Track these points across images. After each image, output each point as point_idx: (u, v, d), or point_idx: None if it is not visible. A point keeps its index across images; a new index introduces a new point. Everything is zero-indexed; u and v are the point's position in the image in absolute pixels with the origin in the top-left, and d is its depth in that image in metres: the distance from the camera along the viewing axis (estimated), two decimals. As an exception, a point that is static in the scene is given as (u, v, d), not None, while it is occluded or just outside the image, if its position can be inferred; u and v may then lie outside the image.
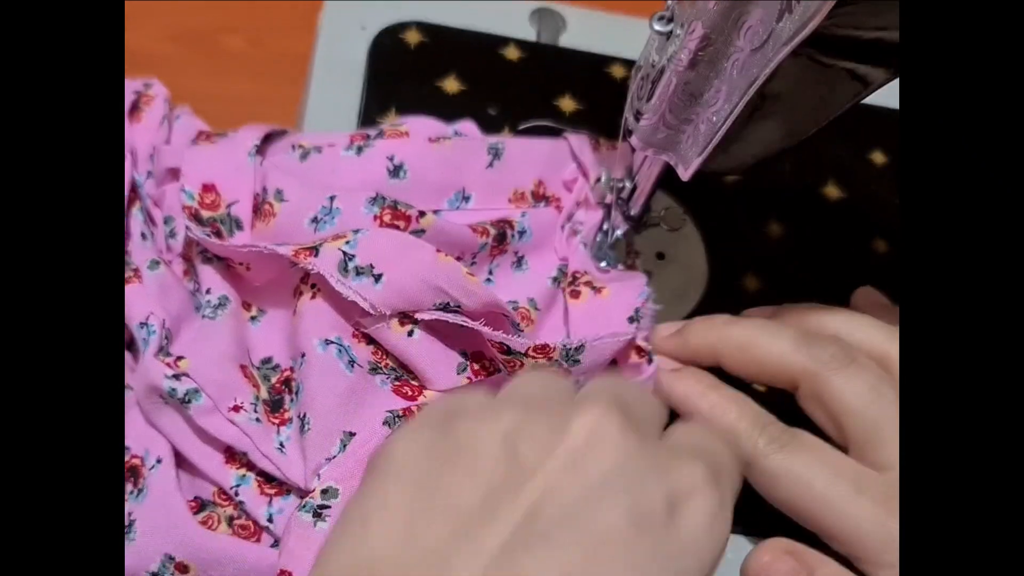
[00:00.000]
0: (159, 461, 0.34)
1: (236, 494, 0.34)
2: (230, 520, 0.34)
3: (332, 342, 0.35)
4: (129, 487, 0.34)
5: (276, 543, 0.34)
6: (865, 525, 0.33)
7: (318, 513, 0.32)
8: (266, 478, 0.35)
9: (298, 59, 0.47)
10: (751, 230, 0.46)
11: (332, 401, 0.34)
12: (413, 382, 0.36)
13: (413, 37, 0.47)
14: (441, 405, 0.29)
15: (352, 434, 0.34)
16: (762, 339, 0.36)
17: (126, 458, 0.34)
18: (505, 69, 0.48)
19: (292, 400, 0.36)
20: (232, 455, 0.35)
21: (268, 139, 0.41)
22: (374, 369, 0.36)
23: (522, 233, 0.40)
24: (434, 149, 0.40)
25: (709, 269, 0.45)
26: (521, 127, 0.46)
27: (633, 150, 0.39)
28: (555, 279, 0.40)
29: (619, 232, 0.42)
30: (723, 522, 0.27)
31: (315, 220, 0.37)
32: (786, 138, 0.37)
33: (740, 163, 0.38)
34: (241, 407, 0.35)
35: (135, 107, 0.41)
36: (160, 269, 0.37)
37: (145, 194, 0.39)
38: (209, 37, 0.49)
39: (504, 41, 0.48)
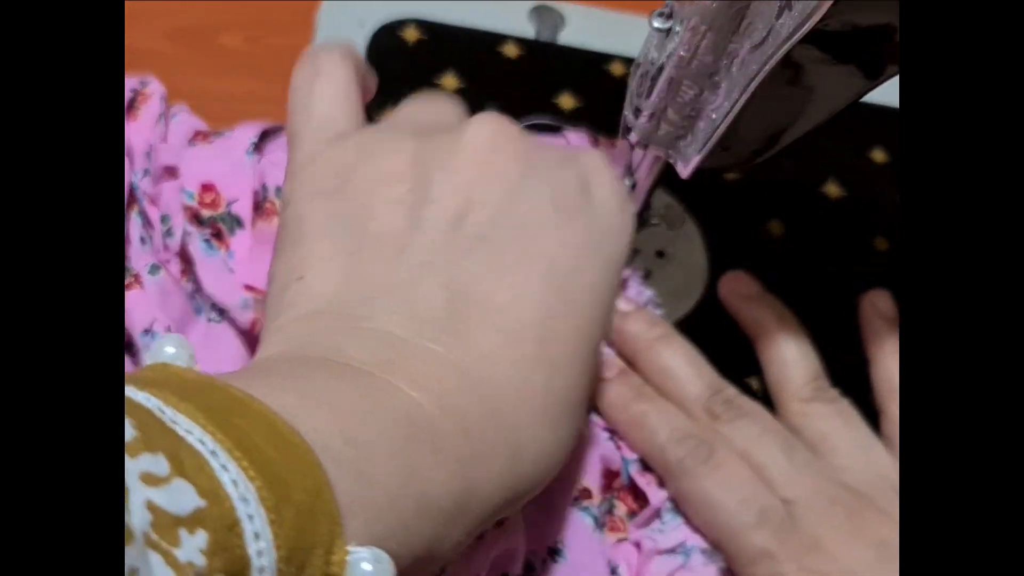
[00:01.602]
0: None
1: None
2: None
3: None
4: None
5: None
6: (758, 558, 0.33)
7: None
8: None
9: (296, 56, 0.47)
10: (751, 228, 0.46)
11: None
12: None
13: (411, 34, 0.47)
14: (332, 155, 0.29)
15: None
16: (680, 376, 0.36)
17: None
18: (504, 66, 0.47)
19: None
20: None
21: (265, 136, 0.41)
22: None
23: None
24: None
25: (709, 267, 0.44)
26: (520, 125, 0.45)
27: (632, 147, 0.39)
28: None
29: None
30: (627, 195, 0.30)
31: None
32: (786, 135, 0.37)
33: (740, 161, 0.38)
34: None
35: (131, 105, 0.41)
36: (160, 274, 0.37)
37: (142, 195, 0.39)
38: (206, 34, 0.49)
39: (503, 38, 0.48)
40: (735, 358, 0.42)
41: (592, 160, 0.30)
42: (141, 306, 0.36)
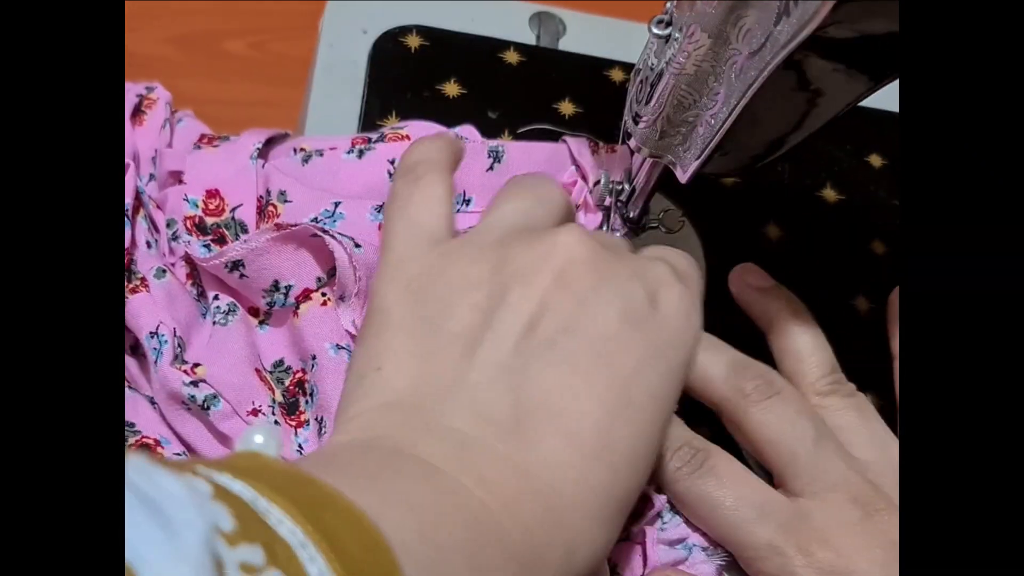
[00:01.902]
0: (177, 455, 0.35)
1: None
2: None
3: (343, 347, 0.36)
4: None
5: None
6: (763, 551, 0.33)
7: None
8: None
9: (299, 63, 0.47)
10: (749, 232, 0.46)
11: None
12: None
13: (414, 41, 0.47)
14: (421, 258, 0.31)
15: None
16: (697, 360, 0.36)
17: (136, 439, 0.35)
18: (505, 73, 0.48)
19: (308, 402, 0.36)
20: None
21: (270, 143, 0.41)
22: None
23: None
24: None
25: (707, 271, 0.45)
26: (520, 131, 0.46)
27: (632, 153, 0.39)
28: None
29: (618, 234, 0.43)
30: (694, 308, 0.32)
31: (316, 221, 0.38)
32: (784, 141, 0.37)
33: (738, 166, 0.38)
34: (259, 410, 0.36)
35: (137, 110, 0.41)
36: (166, 278, 0.37)
37: (148, 200, 0.40)
38: (210, 40, 0.49)
39: (504, 45, 0.48)
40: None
41: (661, 273, 0.31)
42: (147, 309, 0.36)
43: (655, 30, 0.36)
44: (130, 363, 0.37)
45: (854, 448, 0.36)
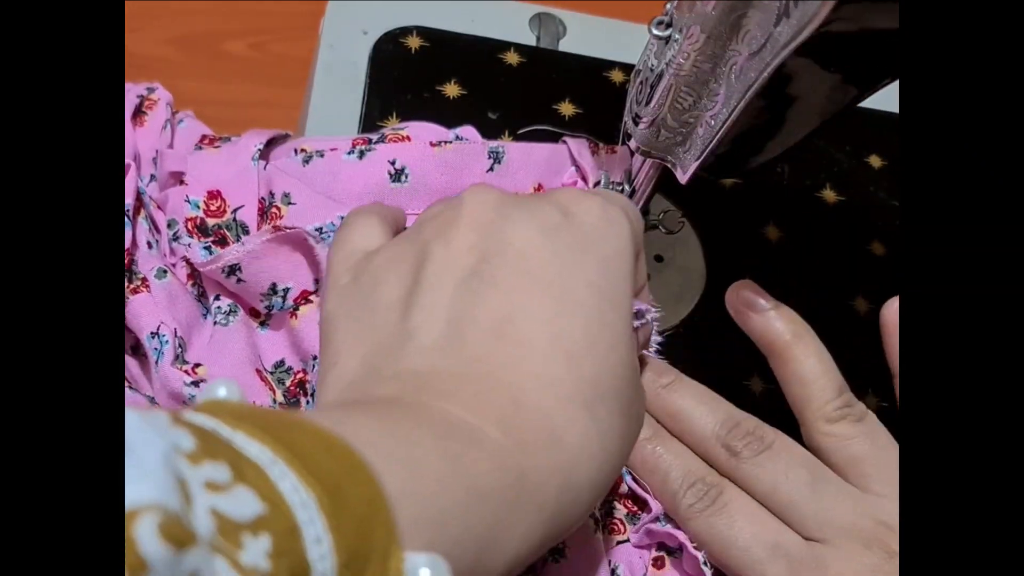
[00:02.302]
0: None
1: None
2: None
3: None
4: None
5: None
6: None
7: None
8: None
9: (300, 64, 0.47)
10: (749, 233, 0.46)
11: None
12: None
13: (414, 42, 0.47)
14: (352, 263, 0.32)
15: None
16: (693, 415, 0.36)
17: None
18: (505, 74, 0.48)
19: (308, 403, 0.36)
20: None
21: (271, 144, 0.41)
22: None
23: None
24: (435, 153, 0.40)
25: (707, 272, 0.45)
26: (520, 132, 0.46)
27: (632, 154, 0.39)
28: None
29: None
30: (616, 215, 0.31)
31: (319, 230, 0.38)
32: (784, 141, 0.37)
33: (738, 166, 0.38)
34: None
35: (138, 111, 0.41)
36: (167, 278, 0.37)
37: (149, 200, 0.40)
38: (211, 41, 0.49)
39: (505, 46, 0.49)
40: (734, 361, 0.42)
41: (565, 192, 0.32)
42: (148, 309, 0.36)
43: (655, 31, 0.36)
44: (131, 363, 0.37)
45: (870, 480, 0.35)
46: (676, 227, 0.44)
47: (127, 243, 0.38)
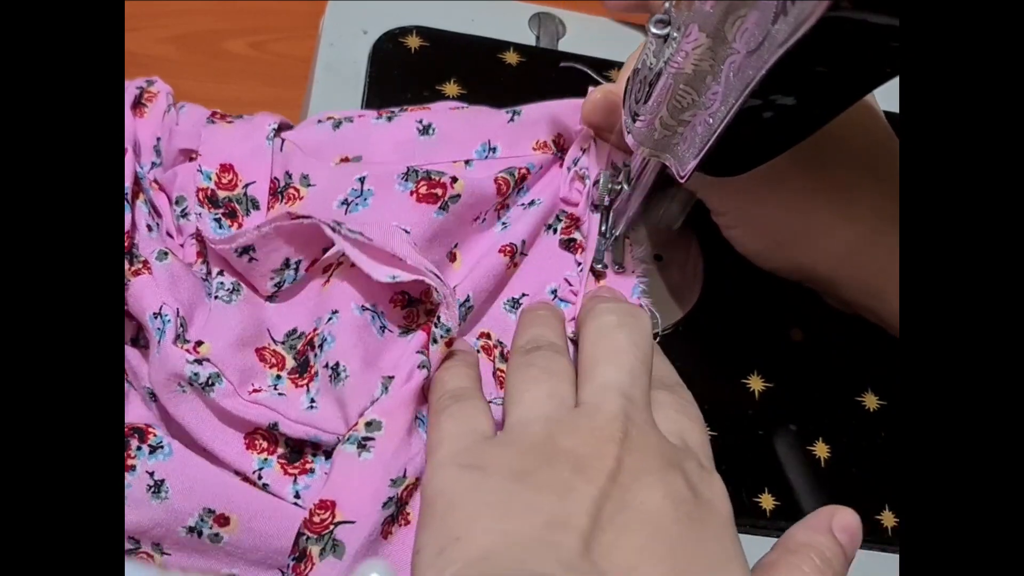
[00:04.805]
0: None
1: (259, 477, 0.35)
2: None
3: (368, 308, 0.37)
4: (135, 443, 0.33)
5: None
6: None
7: (363, 444, 0.34)
8: (288, 459, 0.35)
9: (300, 63, 0.47)
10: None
11: (371, 349, 0.36)
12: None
13: (414, 41, 0.48)
14: (472, 439, 0.34)
15: (391, 377, 0.36)
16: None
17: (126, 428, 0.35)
18: (505, 73, 0.48)
19: (316, 355, 0.37)
20: (252, 440, 0.36)
21: (281, 130, 0.42)
22: (405, 332, 0.37)
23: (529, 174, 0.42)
24: (458, 113, 0.43)
25: (705, 270, 0.45)
26: (562, 64, 0.47)
27: (631, 151, 0.39)
28: (550, 225, 0.42)
29: (617, 233, 0.43)
30: (723, 485, 0.34)
31: (346, 203, 0.38)
32: (783, 140, 0.37)
33: (738, 166, 0.38)
34: (260, 390, 0.36)
35: (138, 102, 0.42)
36: (168, 259, 0.38)
37: (148, 186, 0.40)
38: (211, 40, 0.49)
39: (504, 45, 0.49)
40: (732, 359, 0.43)
41: (694, 468, 0.33)
42: (150, 290, 0.36)
43: (654, 30, 0.36)
44: (130, 354, 0.37)
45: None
46: (674, 226, 0.44)
47: (126, 226, 0.38)
